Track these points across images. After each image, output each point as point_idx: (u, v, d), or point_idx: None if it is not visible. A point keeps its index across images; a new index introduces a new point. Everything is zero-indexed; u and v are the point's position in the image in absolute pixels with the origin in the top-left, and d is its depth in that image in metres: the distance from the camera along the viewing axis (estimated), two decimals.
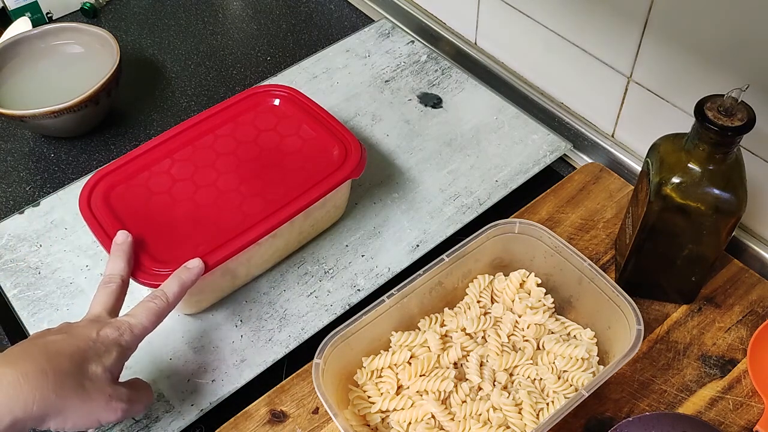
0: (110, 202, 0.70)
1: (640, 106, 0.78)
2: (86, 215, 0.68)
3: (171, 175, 0.72)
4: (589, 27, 0.78)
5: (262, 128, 0.76)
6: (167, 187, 0.71)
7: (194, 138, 0.75)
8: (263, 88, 0.80)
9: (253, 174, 0.72)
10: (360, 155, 0.73)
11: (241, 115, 0.78)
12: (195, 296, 0.69)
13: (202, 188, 0.71)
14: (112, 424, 0.63)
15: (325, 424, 0.64)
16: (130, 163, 0.73)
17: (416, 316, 0.67)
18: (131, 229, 0.66)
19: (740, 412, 0.63)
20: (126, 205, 0.69)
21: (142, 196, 0.70)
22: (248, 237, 0.66)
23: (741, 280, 0.72)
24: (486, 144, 0.86)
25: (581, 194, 0.80)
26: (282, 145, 0.75)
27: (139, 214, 0.69)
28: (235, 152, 0.74)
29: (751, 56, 0.64)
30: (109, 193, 0.70)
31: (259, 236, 0.67)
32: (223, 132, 0.76)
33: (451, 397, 0.62)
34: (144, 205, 0.70)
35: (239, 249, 0.66)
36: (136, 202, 0.70)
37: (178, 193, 0.71)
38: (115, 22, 1.09)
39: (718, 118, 0.56)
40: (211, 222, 0.68)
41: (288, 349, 0.69)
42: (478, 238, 0.67)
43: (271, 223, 0.67)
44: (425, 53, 0.98)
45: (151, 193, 0.71)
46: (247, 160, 0.74)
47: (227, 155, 0.74)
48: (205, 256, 0.64)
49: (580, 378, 0.63)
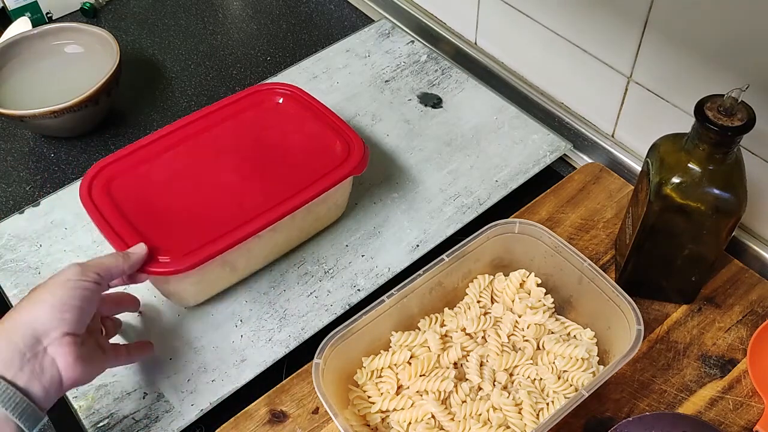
0: (111, 192, 0.69)
1: (640, 106, 0.78)
2: (87, 205, 0.68)
3: (172, 167, 0.72)
4: (589, 27, 0.78)
5: (265, 125, 0.76)
6: (168, 179, 0.71)
7: (196, 132, 0.75)
8: (266, 86, 0.80)
9: (255, 169, 0.72)
10: (363, 152, 0.73)
11: (244, 111, 0.78)
12: (194, 286, 0.69)
13: (204, 181, 0.71)
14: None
15: (325, 424, 0.64)
16: (132, 155, 0.73)
17: (416, 316, 0.67)
18: (131, 218, 0.66)
19: (740, 412, 0.63)
20: (127, 195, 0.69)
21: (142, 187, 0.70)
22: (248, 229, 0.66)
23: (741, 280, 0.72)
24: (486, 144, 0.86)
25: (581, 194, 0.80)
26: (284, 141, 0.75)
27: (139, 205, 0.69)
28: (238, 147, 0.74)
29: (751, 56, 0.64)
30: (110, 184, 0.70)
31: (259, 228, 0.66)
32: (226, 128, 0.76)
33: (451, 397, 0.62)
34: (144, 195, 0.69)
35: (239, 240, 0.66)
36: (137, 193, 0.70)
37: (179, 185, 0.71)
38: (115, 22, 1.09)
39: (718, 118, 0.56)
40: (211, 213, 0.68)
41: (288, 349, 0.69)
42: (478, 238, 0.67)
43: (271, 216, 0.67)
44: (425, 53, 0.98)
45: (152, 184, 0.71)
46: (249, 156, 0.74)
47: (229, 150, 0.74)
48: (204, 247, 0.64)
49: (580, 378, 0.63)
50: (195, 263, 0.64)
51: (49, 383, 0.53)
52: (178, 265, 0.64)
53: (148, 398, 0.66)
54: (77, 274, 0.57)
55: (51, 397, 0.53)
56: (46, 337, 0.53)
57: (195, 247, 0.65)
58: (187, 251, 0.64)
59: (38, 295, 0.55)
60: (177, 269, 0.64)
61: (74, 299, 0.55)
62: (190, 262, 0.64)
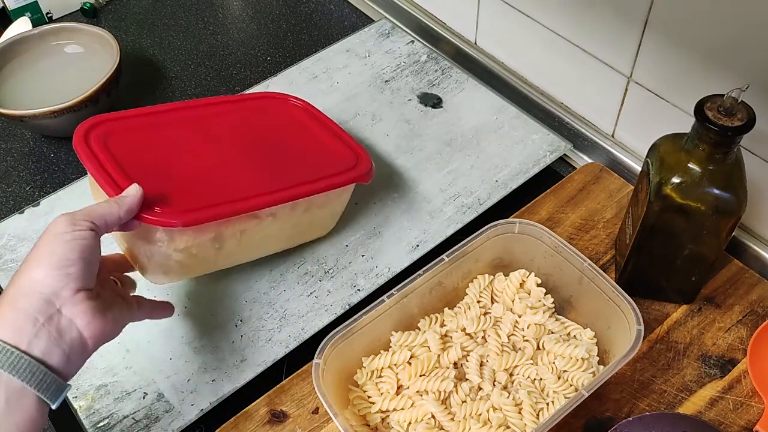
0: (108, 145, 0.66)
1: (640, 106, 0.79)
2: (81, 149, 0.64)
3: (177, 137, 0.70)
4: (589, 27, 0.78)
5: (277, 125, 0.77)
6: (171, 147, 0.69)
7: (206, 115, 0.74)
8: (280, 95, 0.81)
9: (263, 158, 0.72)
10: (370, 165, 0.74)
11: (257, 109, 0.78)
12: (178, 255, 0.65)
13: (208, 157, 0.70)
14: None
15: (325, 424, 0.64)
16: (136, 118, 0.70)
17: (416, 316, 0.67)
18: (128, 170, 0.63)
19: (740, 412, 0.63)
20: (125, 151, 0.66)
21: (143, 147, 0.67)
22: (249, 203, 0.65)
23: (741, 280, 0.72)
24: (486, 144, 0.86)
25: (581, 194, 0.80)
26: (294, 142, 0.75)
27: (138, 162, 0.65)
28: (247, 136, 0.74)
29: (751, 56, 0.64)
30: (108, 137, 0.66)
31: (261, 205, 0.65)
32: (236, 117, 0.76)
33: (451, 397, 0.62)
34: (144, 155, 0.66)
35: (239, 211, 0.64)
36: (136, 151, 0.66)
37: (182, 155, 0.69)
38: (115, 22, 1.09)
39: (718, 118, 0.56)
40: (212, 184, 0.66)
41: (288, 349, 0.69)
42: (478, 238, 0.67)
43: (275, 197, 0.66)
44: (425, 53, 0.98)
45: (154, 147, 0.68)
46: (257, 145, 0.73)
47: (238, 136, 0.73)
48: (203, 209, 0.62)
49: (580, 378, 0.63)
50: (192, 220, 0.61)
51: (70, 347, 0.48)
52: (174, 217, 0.60)
53: (148, 398, 0.66)
54: (68, 224, 0.51)
55: (74, 362, 0.49)
56: (58, 298, 0.48)
57: (191, 208, 0.62)
58: (183, 209, 0.62)
59: (34, 256, 0.50)
60: (172, 222, 0.60)
61: (74, 252, 0.50)
62: (187, 218, 0.61)
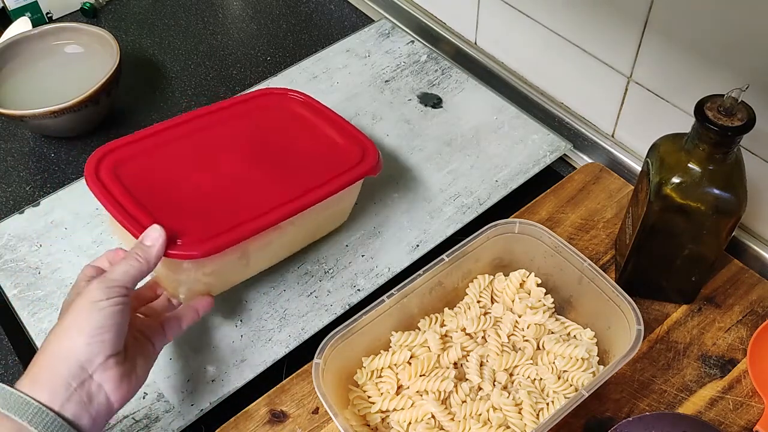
0: (119, 177, 0.65)
1: (640, 106, 0.78)
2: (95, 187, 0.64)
3: (182, 156, 0.70)
4: (589, 27, 0.78)
5: (278, 126, 0.76)
6: (179, 168, 0.68)
7: (205, 126, 0.74)
8: (279, 90, 0.80)
9: (271, 164, 0.71)
10: (378, 156, 0.73)
11: (255, 111, 0.77)
12: (207, 278, 0.65)
13: (217, 172, 0.69)
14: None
15: (325, 424, 0.64)
16: (138, 143, 0.70)
17: (416, 316, 0.67)
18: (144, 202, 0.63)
19: (740, 412, 0.63)
20: (135, 181, 0.66)
21: (152, 173, 0.67)
22: (272, 217, 0.64)
23: (741, 280, 0.72)
24: (486, 144, 0.86)
25: (581, 194, 0.80)
26: (299, 142, 0.74)
27: (150, 191, 0.65)
28: (250, 143, 0.73)
29: (751, 56, 0.64)
30: (118, 169, 0.66)
31: (284, 217, 0.65)
32: (236, 124, 0.75)
33: (451, 397, 0.62)
34: (155, 182, 0.66)
35: (263, 227, 0.63)
36: (147, 179, 0.66)
37: (191, 174, 0.68)
38: (115, 22, 1.09)
39: (718, 118, 0.56)
40: (227, 203, 0.66)
41: (288, 349, 0.69)
42: (478, 238, 0.67)
43: (295, 205, 0.65)
44: (425, 53, 0.98)
45: (162, 171, 0.67)
46: (262, 152, 0.72)
47: (241, 145, 0.72)
48: (226, 233, 0.61)
49: (580, 378, 0.63)
50: (215, 248, 0.60)
51: (97, 411, 0.52)
52: (197, 248, 0.60)
53: (148, 398, 0.66)
54: (105, 293, 0.54)
55: (99, 424, 0.52)
56: (91, 365, 0.52)
57: (214, 233, 0.61)
58: (207, 236, 0.61)
59: (72, 323, 0.53)
60: (195, 254, 0.60)
61: (109, 319, 0.53)
62: (210, 247, 0.60)
